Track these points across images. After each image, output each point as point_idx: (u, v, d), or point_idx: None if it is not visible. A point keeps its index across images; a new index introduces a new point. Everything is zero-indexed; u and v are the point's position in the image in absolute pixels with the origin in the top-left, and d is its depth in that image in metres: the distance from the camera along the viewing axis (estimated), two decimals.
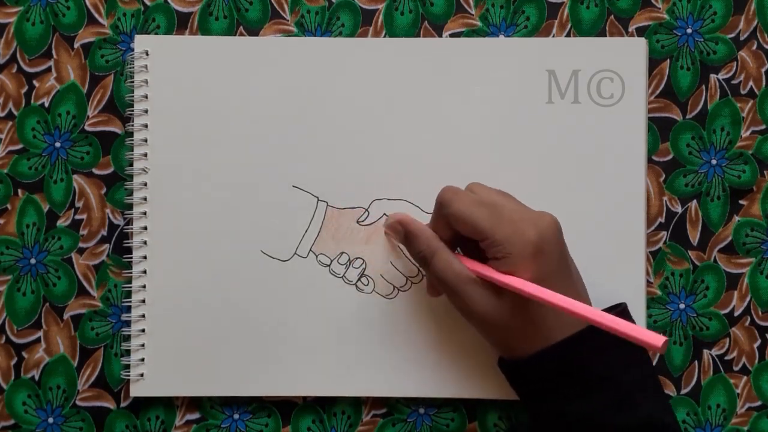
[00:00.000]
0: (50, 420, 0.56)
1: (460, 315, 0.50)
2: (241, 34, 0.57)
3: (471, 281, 0.48)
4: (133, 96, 0.56)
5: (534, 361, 0.48)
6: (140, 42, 0.56)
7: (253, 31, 0.57)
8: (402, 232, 0.52)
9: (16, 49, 0.57)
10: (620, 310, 0.50)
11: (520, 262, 0.46)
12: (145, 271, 0.55)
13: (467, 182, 0.55)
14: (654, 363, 0.56)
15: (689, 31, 0.57)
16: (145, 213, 0.56)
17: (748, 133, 0.57)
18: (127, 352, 0.56)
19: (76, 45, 0.57)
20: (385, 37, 0.57)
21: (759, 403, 0.56)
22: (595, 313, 0.44)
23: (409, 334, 0.55)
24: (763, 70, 0.57)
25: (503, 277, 0.47)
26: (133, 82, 0.56)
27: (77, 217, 0.57)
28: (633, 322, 0.51)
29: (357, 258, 0.56)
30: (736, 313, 0.57)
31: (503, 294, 0.48)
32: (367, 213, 0.56)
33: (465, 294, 0.48)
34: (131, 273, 0.56)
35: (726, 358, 0.57)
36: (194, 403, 0.56)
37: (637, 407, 0.47)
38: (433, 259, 0.49)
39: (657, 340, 0.42)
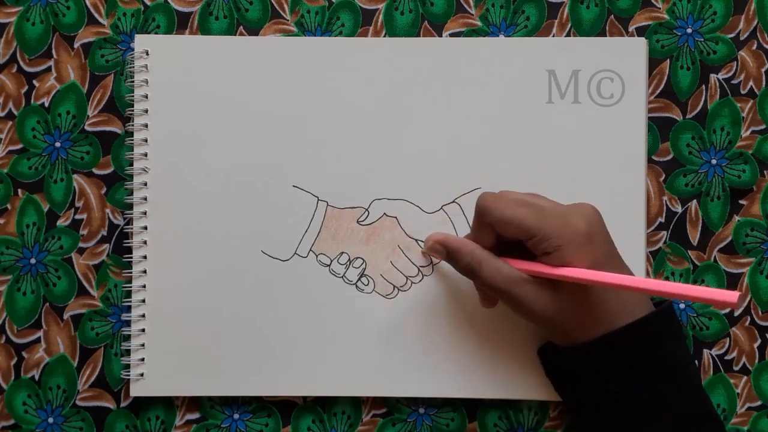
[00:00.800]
0: (50, 420, 0.56)
1: (522, 318, 0.50)
2: (241, 34, 0.57)
3: (524, 282, 0.49)
4: (133, 96, 0.56)
5: (601, 343, 0.48)
6: (140, 42, 0.56)
7: (253, 31, 0.57)
8: (443, 251, 0.52)
9: (16, 49, 0.57)
10: (667, 305, 0.50)
11: (574, 252, 0.47)
12: (145, 271, 0.55)
13: (467, 182, 0.55)
14: None
15: (689, 31, 0.57)
16: (145, 213, 0.55)
17: (748, 133, 0.57)
18: (127, 352, 0.56)
19: (76, 45, 0.57)
20: (385, 37, 0.57)
21: (759, 403, 0.56)
22: (661, 284, 0.44)
23: (409, 334, 0.55)
24: (763, 70, 0.57)
25: (558, 270, 0.47)
26: (133, 82, 0.56)
27: (77, 217, 0.57)
28: (680, 320, 0.52)
29: (357, 258, 0.56)
30: (737, 313, 0.57)
31: (559, 288, 0.48)
32: (367, 213, 0.56)
33: (521, 296, 0.49)
34: (131, 273, 0.56)
35: (726, 358, 0.57)
36: (194, 403, 0.56)
37: (702, 397, 0.49)
38: (481, 268, 0.49)
39: (731, 296, 0.41)
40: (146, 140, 0.56)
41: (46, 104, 0.57)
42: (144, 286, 0.55)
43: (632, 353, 0.48)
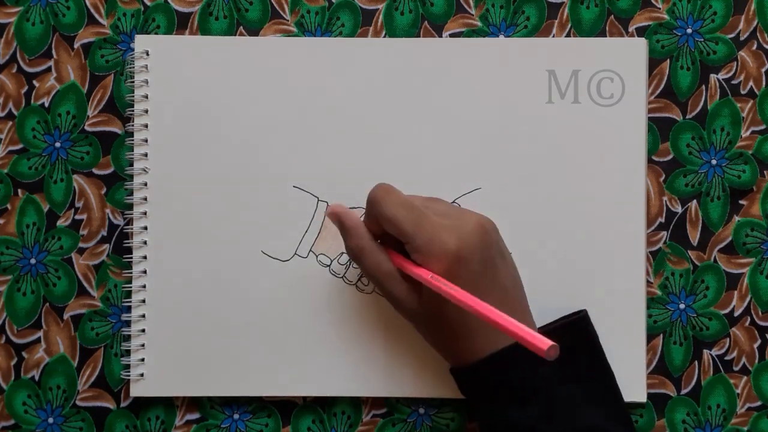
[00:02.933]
0: (50, 420, 0.56)
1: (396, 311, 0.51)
2: (241, 34, 0.57)
3: (397, 281, 0.49)
4: (133, 96, 0.56)
5: (472, 370, 0.49)
6: (140, 42, 0.56)
7: (253, 31, 0.57)
8: (338, 224, 0.51)
9: (16, 49, 0.57)
10: (580, 317, 0.51)
11: (438, 268, 0.47)
12: (145, 271, 0.55)
13: (467, 182, 0.55)
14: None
15: (689, 31, 0.57)
16: (145, 213, 0.56)
17: (748, 133, 0.57)
18: (127, 352, 0.56)
19: (76, 45, 0.57)
20: (385, 37, 0.57)
21: (759, 403, 0.56)
22: (491, 311, 0.44)
23: (408, 334, 0.55)
24: (763, 70, 0.57)
25: (417, 270, 0.48)
26: (133, 82, 0.56)
27: (77, 217, 0.57)
28: (593, 330, 0.52)
29: None
30: (736, 313, 0.57)
31: (425, 294, 0.48)
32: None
33: (390, 292, 0.49)
34: (131, 273, 0.56)
35: (726, 358, 0.57)
36: (194, 403, 0.56)
37: (575, 418, 0.48)
38: (363, 256, 0.49)
39: (543, 343, 0.41)
40: (146, 140, 0.56)
41: (46, 104, 0.57)
42: (144, 286, 0.55)
43: (498, 382, 0.48)
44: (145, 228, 0.56)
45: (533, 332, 0.42)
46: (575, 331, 0.51)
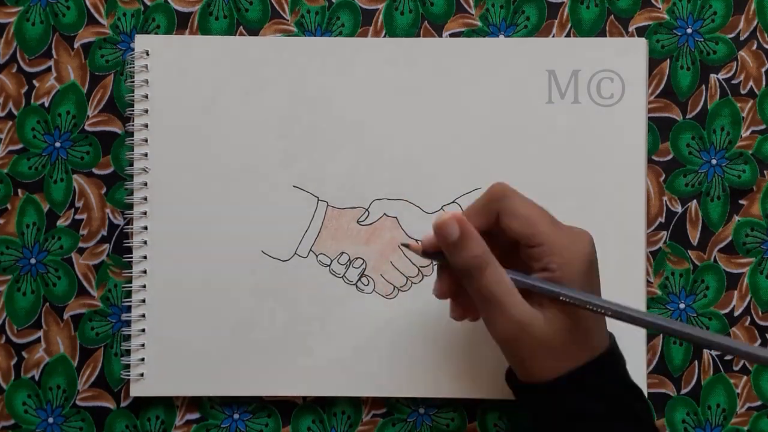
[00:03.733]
0: (50, 420, 0.56)
1: (494, 336, 0.46)
2: (241, 34, 0.57)
3: (521, 301, 0.44)
4: (133, 96, 0.56)
5: (582, 372, 0.45)
6: (140, 42, 0.56)
7: (253, 31, 0.57)
8: (457, 232, 0.44)
9: (16, 49, 0.57)
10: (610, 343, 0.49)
11: (574, 274, 0.44)
12: (145, 271, 0.55)
13: (467, 182, 0.55)
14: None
15: (689, 31, 0.57)
16: (145, 213, 0.56)
17: (748, 133, 0.57)
18: (127, 352, 0.56)
19: (76, 45, 0.57)
20: (385, 37, 0.57)
21: (759, 402, 0.56)
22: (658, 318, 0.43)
23: (409, 334, 0.55)
24: (763, 70, 0.57)
25: (556, 287, 0.44)
26: (133, 82, 0.56)
27: (77, 217, 0.57)
28: (622, 355, 0.49)
29: (357, 258, 0.56)
30: (736, 313, 0.57)
31: (549, 314, 0.44)
32: (367, 213, 0.56)
33: (513, 315, 0.44)
34: (131, 273, 0.56)
35: (726, 357, 0.57)
36: (194, 403, 0.56)
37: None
38: (487, 269, 0.44)
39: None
40: (146, 140, 0.56)
41: (46, 104, 0.57)
42: (144, 286, 0.55)
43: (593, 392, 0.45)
44: (145, 228, 0.56)
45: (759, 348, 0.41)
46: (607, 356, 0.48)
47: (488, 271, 0.44)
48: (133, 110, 0.56)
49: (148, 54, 0.56)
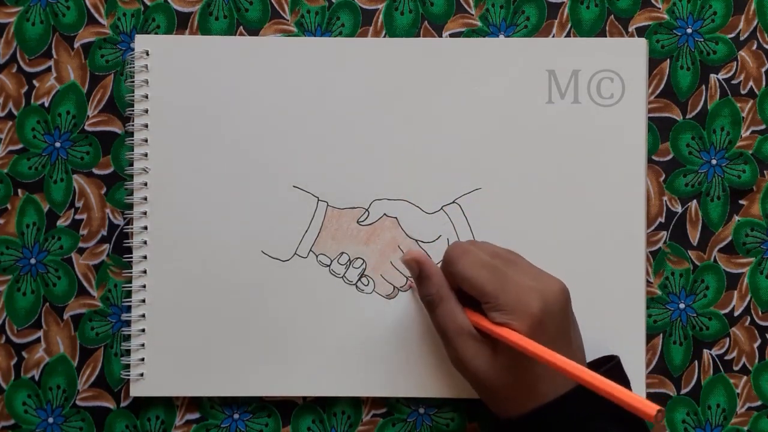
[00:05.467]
0: (50, 420, 0.56)
1: (457, 370, 0.50)
2: (241, 34, 0.57)
3: (470, 336, 0.48)
4: (133, 96, 0.56)
5: (528, 419, 0.47)
6: (140, 42, 0.56)
7: (253, 31, 0.57)
8: (416, 271, 0.50)
9: (16, 49, 0.57)
10: (613, 364, 0.50)
11: (520, 329, 0.46)
12: (145, 271, 0.55)
13: (467, 182, 0.55)
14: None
15: (689, 31, 0.57)
16: (145, 213, 0.56)
17: (748, 133, 0.57)
18: (127, 352, 0.56)
19: (76, 45, 0.57)
20: (385, 37, 0.57)
21: (759, 402, 0.56)
22: (587, 373, 0.44)
23: (409, 334, 0.55)
24: (763, 70, 0.57)
25: (499, 329, 0.47)
26: (133, 82, 0.56)
27: (77, 217, 0.57)
28: (626, 376, 0.50)
29: (357, 258, 0.56)
30: (736, 313, 0.57)
31: (499, 352, 0.48)
32: (367, 213, 0.56)
33: (461, 348, 0.49)
34: (131, 273, 0.56)
35: (726, 358, 0.57)
36: (194, 403, 0.56)
37: None
38: (439, 306, 0.49)
39: (650, 408, 0.40)
40: (146, 140, 0.56)
41: (46, 104, 0.57)
42: (144, 286, 0.55)
43: (556, 430, 0.47)
44: (145, 228, 0.56)
45: (639, 397, 0.41)
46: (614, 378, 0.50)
47: (440, 309, 0.50)
48: (133, 110, 0.56)
49: (148, 54, 0.56)
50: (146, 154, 0.56)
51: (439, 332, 0.50)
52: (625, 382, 0.51)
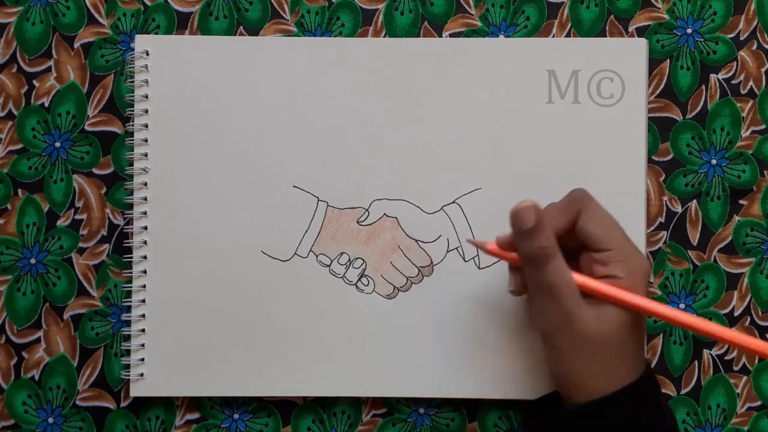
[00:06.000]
0: (50, 420, 0.56)
1: (536, 332, 0.48)
2: (241, 34, 0.57)
3: (578, 296, 0.46)
4: (133, 96, 0.56)
5: (596, 406, 0.46)
6: (140, 42, 0.56)
7: (253, 31, 0.57)
8: (533, 219, 0.46)
9: (16, 49, 0.57)
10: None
11: (638, 284, 0.45)
12: (145, 271, 0.55)
13: (467, 182, 0.55)
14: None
15: (689, 31, 0.57)
16: (145, 213, 0.56)
17: (748, 133, 0.57)
18: (127, 352, 0.56)
19: (76, 45, 0.57)
20: (385, 37, 0.57)
21: (759, 403, 0.56)
22: (702, 321, 0.45)
23: (409, 334, 0.55)
24: (763, 70, 0.57)
25: (621, 293, 0.45)
26: (133, 82, 0.56)
27: (77, 217, 0.57)
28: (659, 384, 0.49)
29: (357, 258, 0.56)
30: (736, 313, 0.57)
31: (604, 317, 0.46)
32: (367, 213, 0.56)
33: (568, 307, 0.46)
34: (131, 273, 0.56)
35: (726, 358, 0.57)
36: (194, 403, 0.56)
37: None
38: (552, 261, 0.46)
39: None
40: (146, 140, 0.56)
41: (46, 104, 0.57)
42: (144, 286, 0.55)
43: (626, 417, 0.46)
44: (145, 228, 0.56)
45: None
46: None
47: (553, 263, 0.46)
48: (133, 110, 0.56)
49: (148, 54, 0.56)
50: (146, 154, 0.56)
51: (541, 287, 0.46)
52: (657, 385, 0.49)
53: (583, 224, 0.47)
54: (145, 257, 0.55)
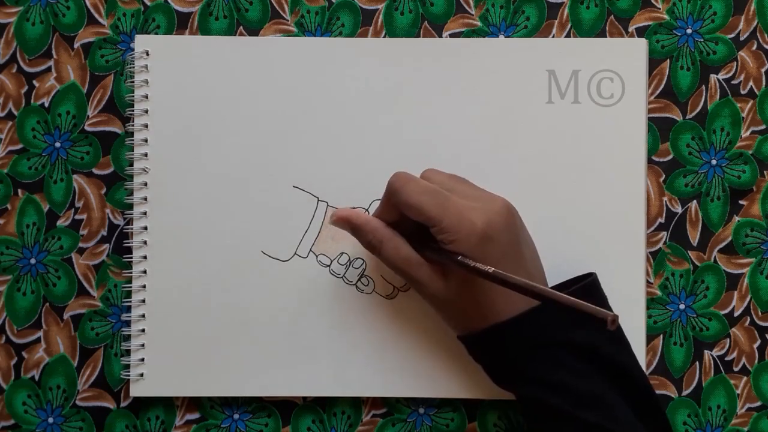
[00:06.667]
0: (50, 420, 0.56)
1: (418, 294, 0.51)
2: (241, 34, 0.57)
3: (419, 264, 0.49)
4: (133, 96, 0.56)
5: (484, 334, 0.49)
6: (140, 42, 0.56)
7: (253, 31, 0.57)
8: (348, 227, 0.51)
9: (16, 49, 0.57)
10: (590, 281, 0.51)
11: (466, 248, 0.47)
12: (145, 271, 0.55)
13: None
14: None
15: (689, 31, 0.57)
16: (145, 213, 0.56)
17: (748, 133, 0.57)
18: (127, 352, 0.56)
19: (76, 45, 0.57)
20: (385, 37, 0.57)
21: (759, 403, 0.56)
22: (530, 284, 0.44)
23: (409, 334, 0.55)
24: (763, 70, 0.57)
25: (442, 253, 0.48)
26: (133, 82, 0.56)
27: (77, 217, 0.57)
28: (603, 294, 0.51)
29: (357, 258, 0.56)
30: (736, 314, 0.57)
31: (449, 276, 0.49)
32: (367, 213, 0.56)
33: (414, 277, 0.50)
34: (131, 273, 0.56)
35: (726, 358, 0.56)
36: (194, 403, 0.56)
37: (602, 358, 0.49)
38: (382, 247, 0.50)
39: (605, 315, 0.40)
40: (146, 140, 0.56)
41: (46, 104, 0.57)
42: (144, 286, 0.55)
43: (516, 346, 0.49)
44: (145, 228, 0.56)
45: (590, 305, 0.42)
46: (586, 295, 0.50)
47: (383, 249, 0.50)
48: (133, 110, 0.56)
49: (148, 54, 0.56)
50: (146, 154, 0.56)
51: (394, 271, 0.51)
52: (600, 299, 0.51)
53: (405, 213, 0.50)
54: (145, 257, 0.55)
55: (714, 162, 0.57)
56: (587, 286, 0.51)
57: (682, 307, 0.57)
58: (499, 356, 0.50)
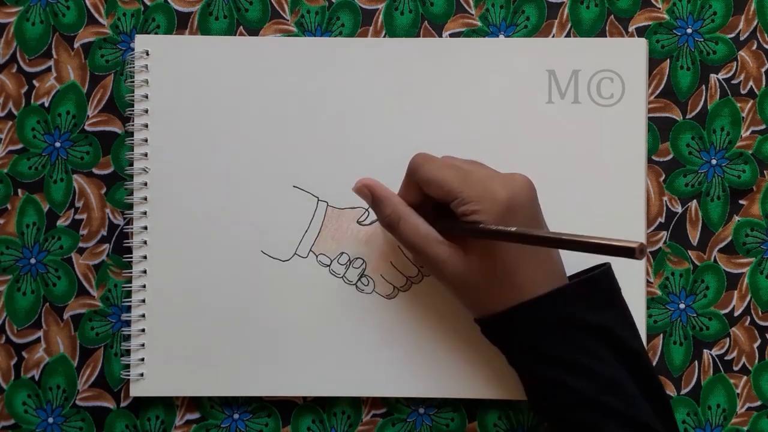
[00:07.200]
0: (50, 420, 0.56)
1: (437, 279, 0.51)
2: (241, 34, 0.57)
3: (438, 242, 0.49)
4: (133, 96, 0.56)
5: (506, 315, 0.48)
6: (140, 42, 0.56)
7: (253, 31, 0.57)
8: (369, 197, 0.52)
9: (16, 49, 0.57)
10: (603, 269, 0.50)
11: (489, 219, 0.47)
12: (145, 271, 0.55)
13: None
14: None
15: (689, 31, 0.57)
16: (145, 213, 0.56)
17: (748, 133, 0.57)
18: (127, 352, 0.56)
19: (76, 45, 0.57)
20: (385, 37, 0.57)
21: (759, 403, 0.56)
22: (553, 234, 0.44)
23: (409, 334, 0.55)
24: (763, 70, 0.57)
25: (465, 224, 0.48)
26: (133, 82, 0.56)
27: (77, 217, 0.57)
28: (617, 284, 0.50)
29: (357, 258, 0.56)
30: (736, 313, 0.57)
31: (469, 250, 0.49)
32: (367, 213, 0.56)
33: (433, 255, 0.49)
34: (131, 273, 0.56)
35: (726, 358, 0.57)
36: (194, 403, 0.56)
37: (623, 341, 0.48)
38: (399, 223, 0.50)
39: (631, 244, 0.40)
40: (146, 140, 0.56)
41: (46, 104, 0.57)
42: (144, 286, 0.55)
43: (538, 326, 0.48)
44: (145, 228, 0.56)
45: (617, 239, 0.41)
46: (601, 285, 0.50)
47: (401, 225, 0.50)
48: (133, 110, 0.56)
49: (148, 54, 0.56)
50: (146, 154, 0.56)
51: (409, 250, 0.51)
52: (614, 289, 0.50)
53: (425, 190, 0.50)
54: (145, 257, 0.55)
55: (714, 162, 0.57)
56: (602, 272, 0.50)
57: (682, 306, 0.57)
58: (520, 336, 0.49)
